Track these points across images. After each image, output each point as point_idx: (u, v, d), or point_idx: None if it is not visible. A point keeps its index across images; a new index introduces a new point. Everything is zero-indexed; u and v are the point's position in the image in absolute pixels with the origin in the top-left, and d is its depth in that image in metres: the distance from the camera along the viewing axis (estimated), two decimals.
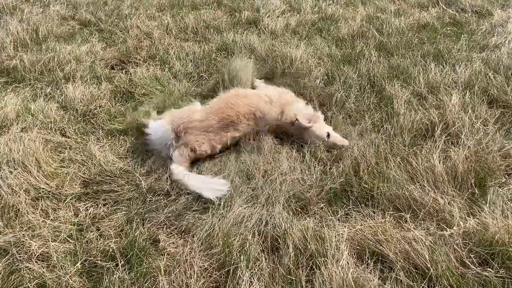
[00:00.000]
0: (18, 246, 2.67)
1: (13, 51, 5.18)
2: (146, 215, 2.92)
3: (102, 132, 3.80)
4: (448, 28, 5.59)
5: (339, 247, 2.52)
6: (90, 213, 2.98)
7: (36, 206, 2.98)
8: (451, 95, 3.84)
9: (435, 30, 5.55)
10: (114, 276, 2.44)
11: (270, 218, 2.77)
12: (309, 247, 2.53)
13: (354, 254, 2.55)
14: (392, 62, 4.66)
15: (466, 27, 5.58)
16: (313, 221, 2.78)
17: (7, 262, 2.55)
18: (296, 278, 2.39)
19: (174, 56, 5.02)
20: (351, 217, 2.83)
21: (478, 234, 2.53)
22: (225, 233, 2.67)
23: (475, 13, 6.00)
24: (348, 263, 2.42)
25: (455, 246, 2.50)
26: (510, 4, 6.19)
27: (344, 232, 2.66)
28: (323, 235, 2.61)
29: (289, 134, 3.68)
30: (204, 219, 2.82)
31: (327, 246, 2.51)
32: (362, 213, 2.85)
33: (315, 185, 3.09)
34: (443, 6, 6.28)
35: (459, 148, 3.21)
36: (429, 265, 2.37)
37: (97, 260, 2.59)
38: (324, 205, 2.94)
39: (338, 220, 2.82)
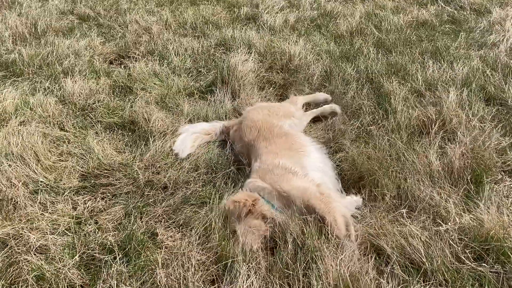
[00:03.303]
0: (17, 239, 2.67)
1: (12, 45, 5.17)
2: (144, 209, 2.93)
3: (101, 126, 3.80)
4: (447, 26, 5.60)
5: None
6: (88, 207, 2.99)
7: (35, 199, 2.99)
8: (449, 92, 3.85)
9: (434, 27, 5.56)
10: (112, 269, 2.44)
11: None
12: (307, 241, 2.55)
13: None
14: (390, 59, 4.67)
15: (465, 24, 5.59)
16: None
17: (5, 254, 2.56)
18: (293, 272, 2.41)
19: (173, 52, 5.02)
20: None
21: (474, 229, 2.54)
22: (221, 227, 2.68)
23: (473, 10, 6.01)
24: (344, 258, 2.43)
25: (450, 241, 2.51)
26: (509, 2, 6.20)
27: None
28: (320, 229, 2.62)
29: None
30: (201, 213, 2.83)
31: (323, 240, 2.52)
32: (359, 208, 2.88)
33: None
34: (442, 4, 6.29)
35: (456, 145, 3.22)
36: (424, 260, 2.39)
37: (95, 253, 2.60)
38: None
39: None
